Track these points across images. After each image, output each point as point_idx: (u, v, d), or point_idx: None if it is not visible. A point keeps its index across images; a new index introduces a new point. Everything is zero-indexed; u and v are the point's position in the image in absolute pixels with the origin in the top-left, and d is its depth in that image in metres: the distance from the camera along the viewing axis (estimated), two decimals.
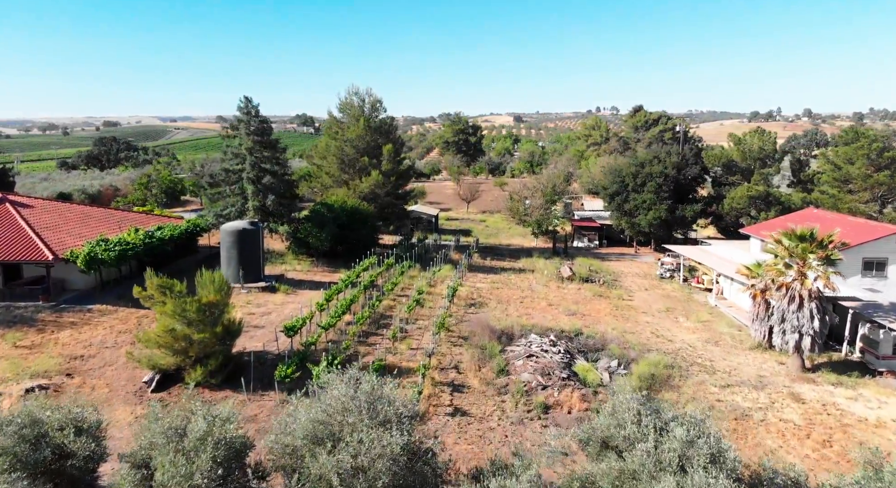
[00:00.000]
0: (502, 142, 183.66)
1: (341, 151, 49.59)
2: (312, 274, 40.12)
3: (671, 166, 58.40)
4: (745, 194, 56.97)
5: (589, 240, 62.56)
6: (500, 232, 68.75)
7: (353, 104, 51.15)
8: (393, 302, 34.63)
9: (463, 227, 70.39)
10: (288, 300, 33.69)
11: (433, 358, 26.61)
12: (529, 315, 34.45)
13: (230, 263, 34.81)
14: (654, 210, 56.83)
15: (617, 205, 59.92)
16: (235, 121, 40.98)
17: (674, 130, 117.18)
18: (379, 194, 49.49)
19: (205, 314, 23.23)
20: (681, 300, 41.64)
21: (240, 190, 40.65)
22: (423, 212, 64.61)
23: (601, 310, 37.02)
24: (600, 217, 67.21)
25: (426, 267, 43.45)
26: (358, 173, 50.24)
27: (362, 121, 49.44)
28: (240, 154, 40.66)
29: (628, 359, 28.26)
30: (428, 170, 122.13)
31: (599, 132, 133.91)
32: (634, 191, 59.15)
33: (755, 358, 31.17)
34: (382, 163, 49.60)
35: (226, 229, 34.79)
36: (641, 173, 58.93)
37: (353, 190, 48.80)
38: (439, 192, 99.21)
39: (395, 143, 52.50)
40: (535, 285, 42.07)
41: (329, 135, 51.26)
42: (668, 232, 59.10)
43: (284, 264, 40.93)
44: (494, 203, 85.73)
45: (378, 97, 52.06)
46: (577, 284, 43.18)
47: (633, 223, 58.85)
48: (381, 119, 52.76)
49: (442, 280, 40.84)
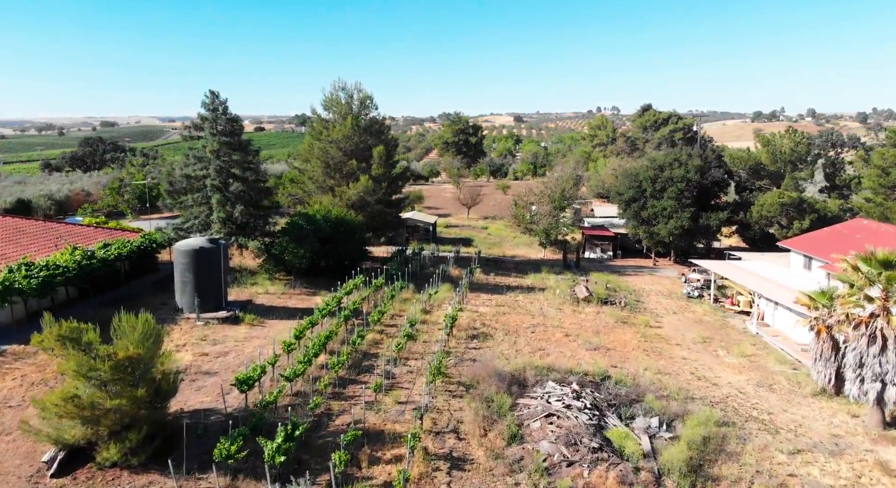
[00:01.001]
0: (503, 142, 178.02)
1: (326, 154, 43.91)
2: (287, 297, 34.41)
3: (693, 170, 52.77)
4: (776, 201, 51.32)
5: (602, 251, 56.89)
6: (504, 241, 63.09)
7: (339, 100, 45.46)
8: (380, 335, 28.95)
9: (463, 236, 64.73)
10: (253, 334, 28.00)
11: (427, 416, 20.98)
12: (543, 350, 28.79)
13: (185, 289, 29.14)
14: (676, 218, 51.23)
15: (633, 212, 54.27)
16: (199, 119, 35.28)
17: (685, 131, 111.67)
18: (369, 202, 43.83)
19: (123, 372, 17.55)
20: (716, 327, 35.98)
21: (204, 199, 34.93)
22: (419, 219, 58.95)
23: (627, 342, 31.36)
24: (613, 225, 61.55)
25: (421, 287, 37.81)
26: (345, 178, 44.57)
27: (349, 119, 43.76)
28: (204, 157, 34.95)
29: (671, 416, 22.59)
30: (426, 173, 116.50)
31: (605, 132, 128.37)
32: (653, 197, 53.55)
33: (821, 408, 25.53)
34: (373, 167, 43.93)
35: (180, 248, 29.12)
36: (661, 178, 53.31)
37: (339, 197, 43.13)
38: (438, 196, 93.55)
39: (388, 145, 46.83)
40: (547, 309, 36.40)
41: (312, 135, 45.56)
42: (689, 242, 53.47)
43: (255, 285, 35.22)
44: (497, 208, 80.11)
45: (368, 93, 46.47)
46: (595, 307, 37.51)
47: (651, 232, 53.22)
48: (371, 117, 47.10)
49: (439, 304, 35.17)
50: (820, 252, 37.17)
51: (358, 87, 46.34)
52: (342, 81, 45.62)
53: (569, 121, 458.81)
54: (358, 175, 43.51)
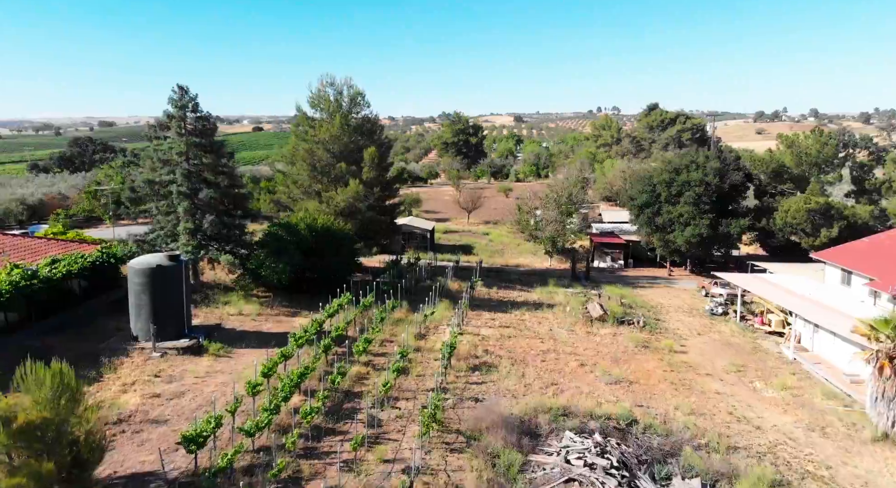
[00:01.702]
0: (504, 143, 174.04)
1: (312, 155, 39.93)
2: (263, 318, 30.43)
3: (712, 173, 48.78)
4: (802, 207, 47.34)
5: (613, 260, 52.92)
6: (507, 248, 59.12)
7: (327, 97, 41.48)
8: (366, 368, 24.96)
9: (463, 243, 60.76)
10: (217, 367, 24.01)
11: (419, 479, 17.02)
12: (557, 385, 24.82)
13: (140, 314, 25.17)
14: (693, 225, 47.24)
15: (647, 218, 50.29)
16: (165, 117, 31.28)
17: (693, 131, 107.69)
18: (359, 208, 39.85)
19: (28, 439, 13.62)
20: (747, 351, 31.99)
21: (170, 207, 30.93)
22: (416, 226, 54.98)
23: (651, 372, 27.39)
24: (624, 231, 57.56)
25: (417, 305, 33.87)
26: (333, 183, 40.60)
27: (338, 118, 39.80)
28: (170, 160, 30.97)
29: (714, 475, 18.61)
30: (425, 174, 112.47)
31: (610, 132, 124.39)
32: (668, 202, 49.55)
33: (886, 458, 21.53)
34: (363, 171, 39.97)
35: (134, 267, 25.14)
36: (676, 181, 49.32)
37: (326, 203, 39.16)
38: (437, 199, 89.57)
39: (381, 146, 42.86)
40: (558, 330, 32.44)
41: (298, 135, 41.58)
42: (707, 251, 49.49)
43: (228, 305, 31.21)
44: (498, 212, 76.14)
45: (359, 89, 42.49)
46: (610, 327, 33.54)
47: (666, 240, 49.23)
48: (363, 116, 43.14)
49: (436, 326, 31.20)
50: (861, 266, 33.21)
51: (348, 83, 42.42)
52: (330, 76, 41.70)
53: (569, 121, 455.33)
54: (347, 179, 39.54)
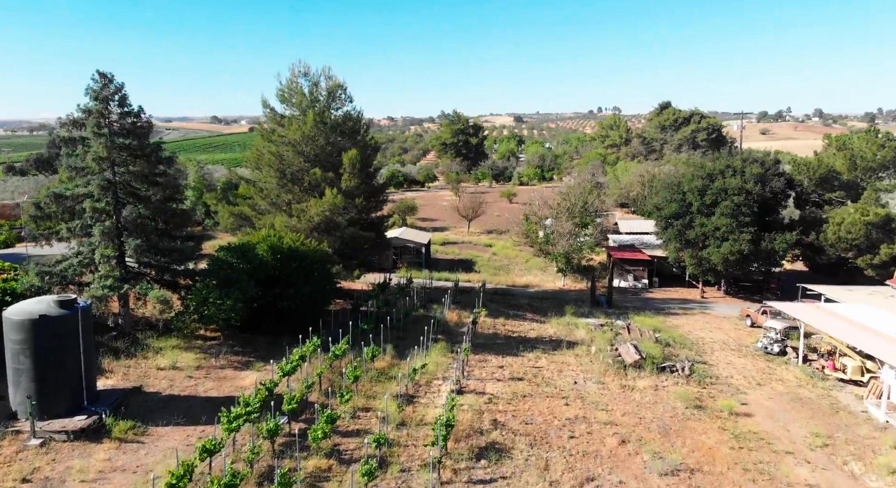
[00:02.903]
0: (506, 143, 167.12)
1: (279, 159, 33.08)
2: (203, 374, 23.51)
3: (752, 179, 41.97)
4: (858, 219, 40.48)
5: (636, 279, 46.05)
6: (513, 263, 52.27)
7: (299, 90, 34.61)
8: (329, 460, 18.04)
9: (463, 257, 53.93)
10: (119, 462, 17.11)
11: None
12: (594, 481, 17.93)
13: (19, 381, 18.32)
14: (732, 240, 40.41)
15: (676, 232, 43.42)
16: (82, 112, 24.40)
17: (709, 131, 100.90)
18: (338, 223, 33.00)
19: None
20: (824, 410, 25.09)
21: (84, 229, 24.05)
22: (409, 239, 48.11)
23: (715, 451, 20.52)
24: (645, 244, 50.69)
25: (406, 349, 27.02)
26: (307, 192, 33.76)
27: (311, 114, 32.91)
28: (85, 168, 24.09)
29: None
30: (422, 177, 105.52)
31: (618, 133, 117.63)
32: (701, 213, 42.73)
33: None
34: (343, 178, 33.09)
35: (10, 318, 18.28)
36: (711, 189, 42.50)
37: (297, 217, 32.31)
38: (434, 205, 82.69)
39: (365, 148, 36.01)
40: (584, 382, 25.58)
41: (264, 135, 34.67)
42: (747, 269, 42.65)
43: (160, 355, 24.29)
44: (502, 220, 69.27)
45: (339, 81, 35.64)
46: (649, 376, 26.68)
47: (699, 258, 42.36)
48: (345, 112, 36.28)
49: (429, 381, 24.30)
50: None
51: (326, 74, 35.55)
52: (304, 65, 34.81)
53: (570, 121, 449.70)
54: (323, 188, 32.67)
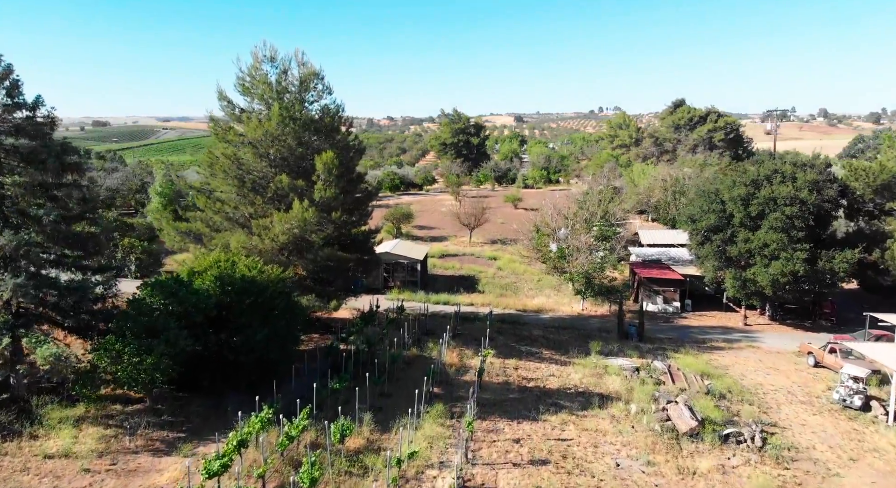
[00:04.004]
0: (508, 144, 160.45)
1: (237, 164, 26.59)
2: (107, 463, 17.04)
3: (807, 187, 35.51)
4: None
5: (666, 302, 39.55)
6: (521, 281, 45.77)
7: (263, 78, 28.09)
8: None
9: (465, 273, 47.46)
10: None
11: None
12: None
13: None
14: (784, 259, 33.91)
15: (715, 248, 36.91)
16: None
17: (727, 130, 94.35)
18: (312, 242, 26.57)
19: None
20: None
21: None
22: (402, 255, 41.60)
23: None
24: (674, 260, 44.20)
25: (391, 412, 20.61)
26: (272, 204, 27.31)
27: (276, 108, 26.44)
28: None
29: None
30: (420, 180, 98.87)
31: (628, 132, 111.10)
32: (745, 226, 36.27)
33: None
34: (316, 187, 26.61)
35: None
36: (757, 198, 36.03)
37: (259, 235, 25.86)
38: (432, 211, 76.17)
39: (346, 150, 29.57)
40: (629, 463, 19.12)
41: (218, 135, 28.10)
42: (802, 293, 36.12)
43: (55, 432, 17.83)
44: (507, 228, 62.79)
45: (314, 68, 29.13)
46: (711, 452, 20.20)
47: (744, 279, 35.85)
48: (322, 107, 29.83)
49: (419, 473, 17.78)
50: None
51: (299, 59, 29.01)
52: (271, 48, 28.29)
53: (570, 121, 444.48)
54: (292, 199, 26.22)
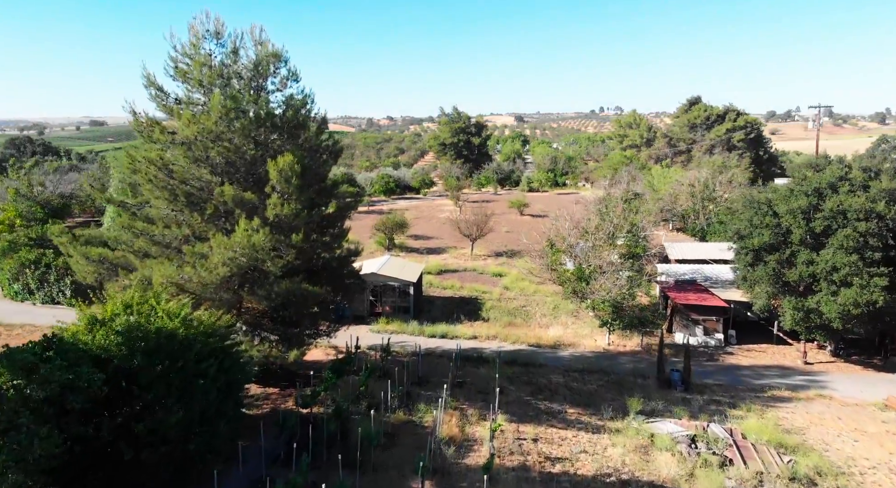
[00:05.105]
0: (510, 144, 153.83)
1: (166, 171, 20.08)
2: None
3: (882, 197, 29.08)
4: None
5: (706, 333, 33.09)
6: (532, 304, 39.27)
7: (206, 60, 21.58)
8: None
9: (466, 293, 40.99)
10: None
11: None
12: None
13: None
14: (860, 286, 27.46)
15: (770, 271, 30.44)
16: None
17: (747, 130, 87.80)
18: (268, 273, 20.14)
19: None
20: None
21: None
22: (392, 276, 35.05)
23: None
24: (709, 278, 37.74)
25: None
26: (214, 223, 20.85)
27: (216, 97, 19.97)
28: None
29: None
30: (417, 183, 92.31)
31: (639, 132, 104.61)
32: (806, 244, 29.84)
33: None
34: (270, 201, 20.07)
35: None
36: (822, 211, 29.59)
37: (193, 266, 19.37)
38: (430, 218, 69.65)
39: (314, 153, 23.08)
40: None
41: (142, 132, 21.56)
42: (879, 327, 29.67)
43: None
44: (512, 237, 56.35)
45: (276, 49, 22.66)
46: None
47: (807, 309, 29.36)
48: (286, 97, 23.33)
49: None
50: None
51: (255, 37, 22.55)
52: (216, 20, 21.79)
53: (571, 121, 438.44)
54: (239, 217, 19.75)
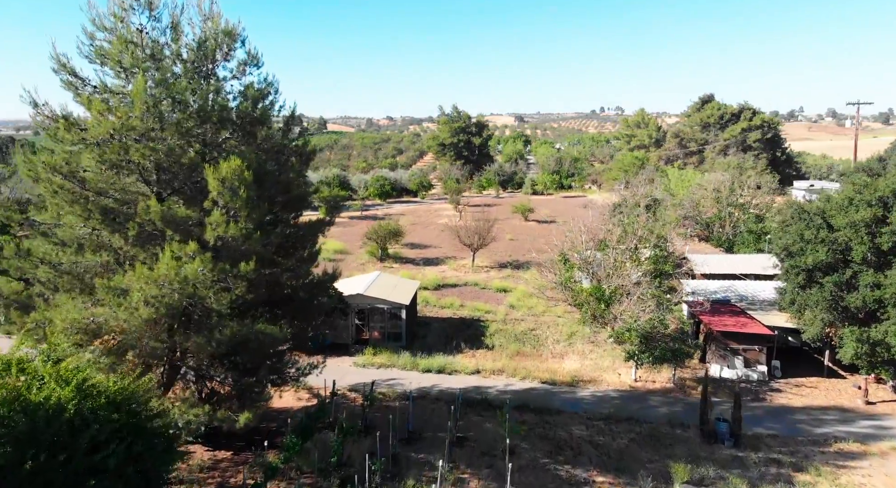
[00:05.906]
0: (511, 144, 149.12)
1: (77, 180, 15.39)
2: None
3: None
4: None
5: (748, 365, 28.36)
6: (542, 325, 34.50)
7: (134, 36, 16.87)
8: None
9: (466, 313, 36.28)
10: None
11: None
12: None
13: None
14: None
15: (827, 295, 25.72)
16: None
17: (763, 129, 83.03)
18: (211, 311, 15.42)
19: None
20: None
21: None
22: (381, 298, 30.25)
23: None
24: (744, 298, 33.06)
25: None
26: (143, 245, 16.15)
27: (141, 82, 15.27)
28: None
29: None
30: (414, 185, 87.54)
31: (647, 132, 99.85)
32: (869, 264, 25.18)
33: None
34: (211, 217, 15.35)
35: None
36: (889, 224, 24.92)
37: (111, 305, 14.65)
38: (428, 223, 64.97)
39: (277, 156, 18.40)
40: None
41: (48, 130, 16.92)
42: None
43: None
44: (517, 246, 51.72)
45: (229, 25, 18.04)
46: None
47: (872, 341, 24.65)
48: (245, 85, 18.60)
49: None
50: None
51: (203, 11, 17.91)
52: None
53: (571, 121, 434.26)
54: (171, 238, 15.06)
